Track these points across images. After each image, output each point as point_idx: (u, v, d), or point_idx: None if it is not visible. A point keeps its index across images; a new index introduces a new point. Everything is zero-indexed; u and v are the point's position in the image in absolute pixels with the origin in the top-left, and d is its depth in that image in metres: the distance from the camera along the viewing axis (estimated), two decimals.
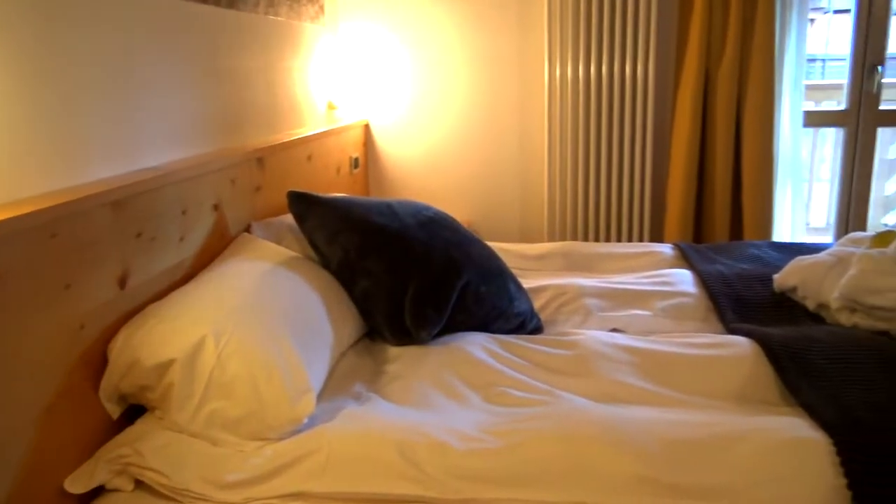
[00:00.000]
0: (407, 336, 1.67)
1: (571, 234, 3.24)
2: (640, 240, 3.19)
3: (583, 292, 2.00)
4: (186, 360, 1.33)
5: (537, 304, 1.98)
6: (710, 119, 3.03)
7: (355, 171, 3.18)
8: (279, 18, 2.45)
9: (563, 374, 1.55)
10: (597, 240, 3.23)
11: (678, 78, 3.04)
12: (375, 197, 2.89)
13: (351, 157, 3.11)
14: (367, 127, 3.34)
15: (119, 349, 1.37)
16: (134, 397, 1.41)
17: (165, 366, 1.34)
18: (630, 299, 1.99)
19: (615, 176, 3.14)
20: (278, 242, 1.91)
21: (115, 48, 1.55)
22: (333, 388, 1.53)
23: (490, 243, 2.37)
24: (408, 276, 1.68)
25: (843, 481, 1.14)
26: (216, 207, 1.86)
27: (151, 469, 1.26)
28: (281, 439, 1.31)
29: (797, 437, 1.23)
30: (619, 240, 3.22)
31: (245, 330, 1.39)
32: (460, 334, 1.71)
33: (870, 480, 1.12)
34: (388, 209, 1.84)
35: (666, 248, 2.45)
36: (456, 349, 1.62)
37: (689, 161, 3.03)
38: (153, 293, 1.56)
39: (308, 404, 1.34)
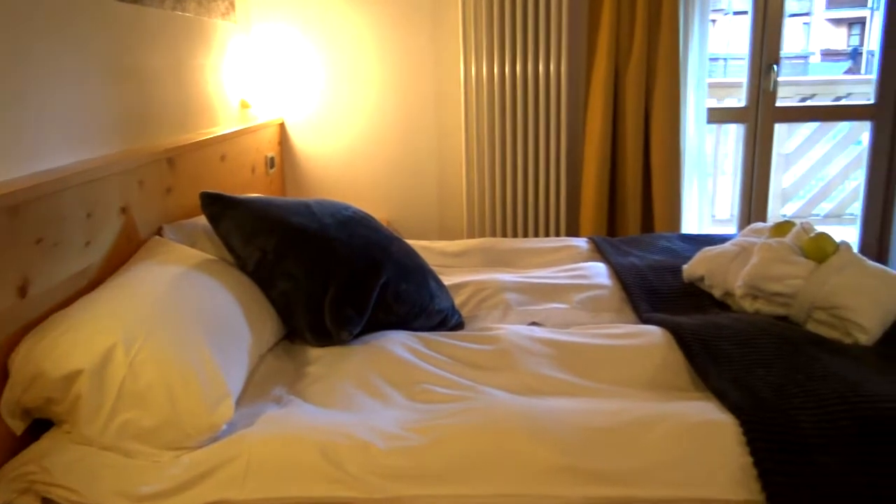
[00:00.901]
0: (327, 337, 1.65)
1: (490, 231, 3.28)
2: (557, 234, 3.26)
3: (502, 287, 2.03)
4: (95, 370, 1.28)
5: (458, 300, 1.99)
6: (620, 116, 3.13)
7: (271, 170, 3.12)
8: (187, 14, 2.38)
9: (484, 368, 1.57)
10: (515, 235, 3.29)
11: (589, 76, 3.12)
12: (293, 197, 2.84)
13: (266, 157, 3.05)
14: (282, 126, 3.28)
15: (21, 361, 1.30)
16: (39, 411, 1.34)
17: (72, 377, 1.28)
18: (548, 293, 2.04)
19: (531, 172, 3.20)
20: (192, 245, 1.86)
21: (4, 39, 1.46)
22: (253, 392, 1.50)
23: (410, 241, 2.37)
24: (327, 276, 1.66)
25: (750, 459, 1.20)
26: (124, 210, 1.79)
27: (60, 486, 1.20)
28: (199, 447, 1.27)
29: (707, 419, 1.28)
30: (536, 235, 3.28)
31: (158, 336, 1.34)
32: (382, 333, 1.71)
33: (773, 457, 1.19)
34: (306, 209, 1.82)
35: (581, 242, 2.51)
36: (378, 348, 1.61)
37: (602, 157, 3.12)
38: (57, 301, 1.48)
39: (226, 410, 1.31)
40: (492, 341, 1.65)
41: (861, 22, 15.64)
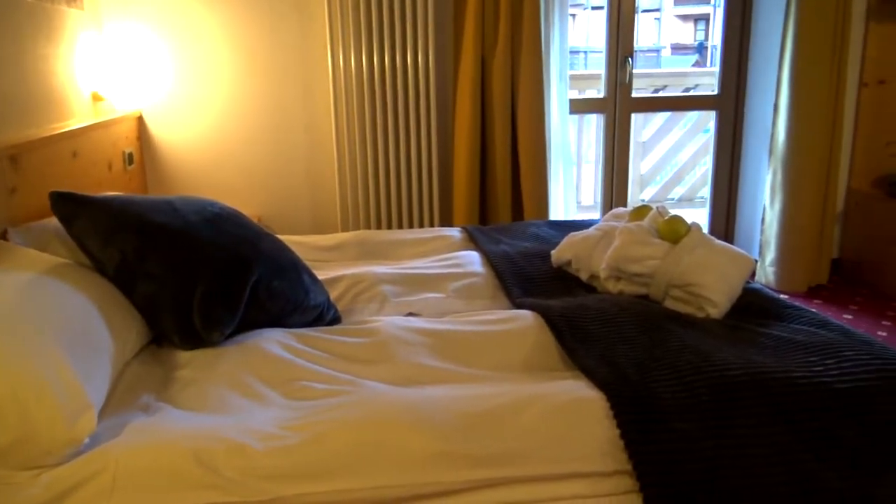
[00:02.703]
0: (198, 339, 1.59)
1: (364, 224, 3.27)
2: (431, 225, 3.30)
3: (378, 280, 2.04)
4: None
5: (334, 294, 1.98)
6: (488, 108, 3.20)
7: (130, 167, 2.96)
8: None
9: (363, 362, 1.57)
10: (389, 227, 3.29)
11: (457, 69, 3.17)
12: (155, 195, 2.70)
13: (124, 153, 2.89)
14: (140, 119, 3.11)
15: None
16: None
17: None
18: (424, 283, 2.06)
19: (403, 164, 3.21)
20: (43, 249, 1.73)
21: None
22: (118, 401, 1.41)
23: (282, 237, 2.32)
24: (194, 275, 1.60)
25: (617, 431, 1.27)
26: None
27: None
28: (59, 464, 1.19)
29: (576, 397, 1.34)
30: (410, 226, 3.30)
31: (5, 348, 1.24)
32: (255, 332, 1.66)
33: (637, 427, 1.26)
34: (169, 206, 1.74)
35: (455, 232, 2.55)
36: (251, 347, 1.57)
37: (472, 148, 3.18)
38: None
39: (88, 423, 1.23)
40: (369, 334, 1.65)
41: (706, 18, 16.81)
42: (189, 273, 1.60)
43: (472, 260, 2.21)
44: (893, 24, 3.53)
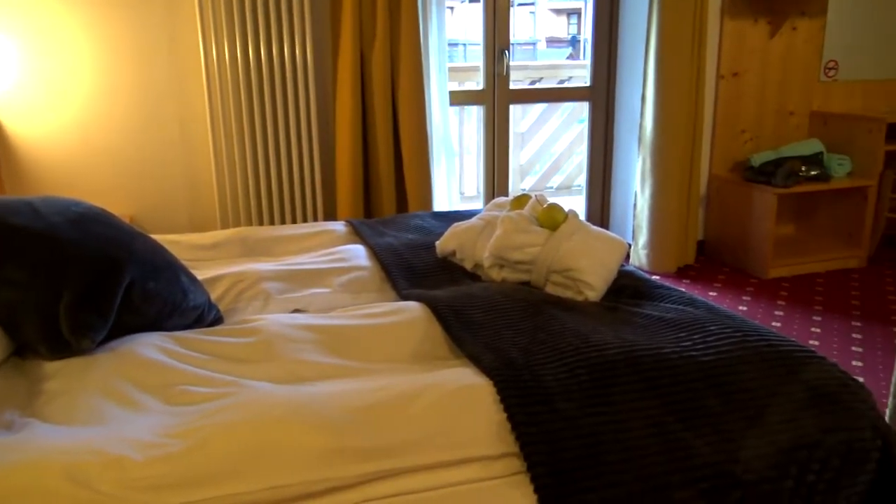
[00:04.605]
0: (66, 347, 1.49)
1: (245, 221, 3.18)
2: (315, 219, 3.25)
3: (261, 277, 1.98)
4: None
5: (215, 294, 1.91)
6: (369, 101, 3.19)
7: None
8: None
9: (247, 362, 1.53)
10: (272, 223, 3.22)
11: (336, 61, 3.13)
12: (11, 196, 2.51)
13: None
14: None
15: None
16: None
17: None
18: (309, 279, 2.03)
19: (284, 159, 3.15)
20: None
21: None
22: None
23: (157, 236, 2.22)
24: (60, 280, 1.50)
25: (504, 415, 1.31)
26: None
27: None
28: None
29: (464, 384, 1.37)
30: (294, 221, 3.24)
31: None
32: (130, 337, 1.58)
33: (523, 410, 1.30)
34: (28, 207, 1.62)
35: (339, 226, 2.53)
36: (126, 353, 1.49)
37: (354, 140, 3.16)
38: None
39: None
40: (252, 333, 1.61)
41: (578, 12, 17.46)
42: (54, 277, 1.49)
43: (358, 253, 2.20)
44: (744, 20, 3.80)
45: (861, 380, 2.36)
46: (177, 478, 1.15)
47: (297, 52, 3.03)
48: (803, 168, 3.67)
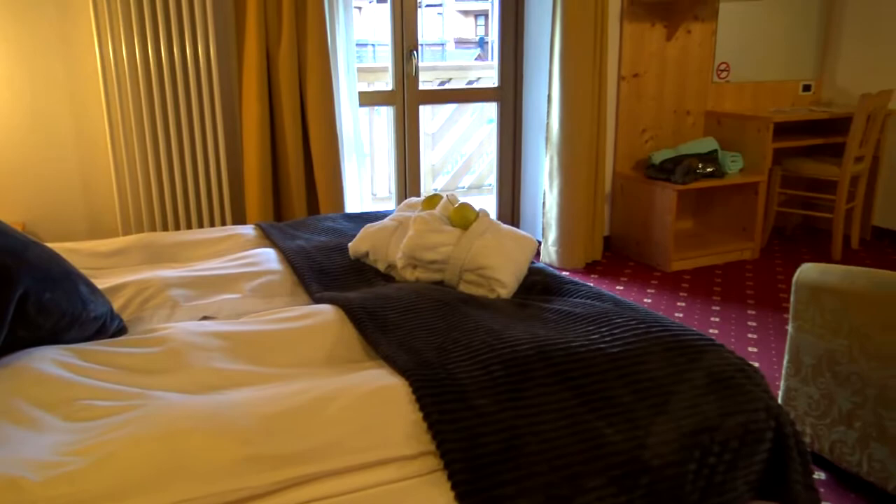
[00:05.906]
0: None
1: (149, 226, 3.06)
2: (223, 224, 3.17)
3: (167, 284, 1.92)
4: None
5: (117, 303, 1.83)
6: (276, 101, 3.13)
7: None
8: None
9: (154, 372, 1.47)
10: (177, 228, 3.11)
11: (241, 62, 3.06)
12: None
13: None
14: None
15: None
16: None
17: None
18: (218, 285, 1.97)
19: (189, 162, 3.05)
20: None
21: None
22: None
23: (52, 244, 2.11)
24: None
25: (420, 414, 1.31)
26: None
27: None
28: None
29: (379, 385, 1.37)
30: (201, 226, 3.14)
31: None
32: (25, 352, 1.49)
33: (438, 408, 1.31)
34: None
35: (248, 230, 2.47)
36: (21, 369, 1.41)
37: (262, 142, 3.10)
38: None
39: None
40: (159, 342, 1.55)
41: (485, 14, 17.70)
42: None
43: (268, 257, 2.16)
44: (643, 24, 3.95)
45: (756, 364, 2.51)
46: (80, 497, 1.10)
47: (200, 50, 2.94)
48: (700, 165, 3.85)
